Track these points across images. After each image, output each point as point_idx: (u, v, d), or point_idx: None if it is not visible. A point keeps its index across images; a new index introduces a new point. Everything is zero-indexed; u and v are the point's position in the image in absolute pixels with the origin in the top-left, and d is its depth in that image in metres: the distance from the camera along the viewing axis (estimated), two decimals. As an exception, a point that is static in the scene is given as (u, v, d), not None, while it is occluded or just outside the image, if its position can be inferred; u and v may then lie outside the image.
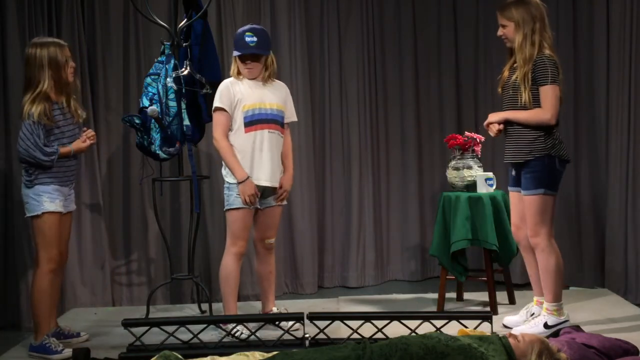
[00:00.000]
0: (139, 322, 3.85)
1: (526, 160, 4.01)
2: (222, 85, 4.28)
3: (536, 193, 3.99)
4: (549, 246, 4.06)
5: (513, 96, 4.03)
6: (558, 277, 4.07)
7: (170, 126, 4.53)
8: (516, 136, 4.05)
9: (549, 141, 3.98)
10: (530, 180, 4.01)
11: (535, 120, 3.97)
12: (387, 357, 2.95)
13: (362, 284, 5.76)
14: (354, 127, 5.74)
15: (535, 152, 3.98)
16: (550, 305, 4.07)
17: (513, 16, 3.99)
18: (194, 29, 4.70)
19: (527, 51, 3.95)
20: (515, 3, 4.01)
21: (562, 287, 4.13)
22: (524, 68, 3.95)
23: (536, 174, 3.99)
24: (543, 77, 3.94)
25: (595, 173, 5.41)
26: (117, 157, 5.32)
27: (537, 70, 3.94)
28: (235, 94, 4.24)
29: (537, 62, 3.94)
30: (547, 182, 3.99)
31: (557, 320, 4.05)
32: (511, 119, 4.04)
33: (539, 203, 4.00)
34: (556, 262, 4.06)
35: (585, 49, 5.42)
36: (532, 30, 3.96)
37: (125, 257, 5.36)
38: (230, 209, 4.24)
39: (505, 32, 4.05)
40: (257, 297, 5.34)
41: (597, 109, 5.37)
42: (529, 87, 3.94)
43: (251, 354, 3.14)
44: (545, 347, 3.05)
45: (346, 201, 5.79)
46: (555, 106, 3.96)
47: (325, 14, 5.70)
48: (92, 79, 5.26)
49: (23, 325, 4.81)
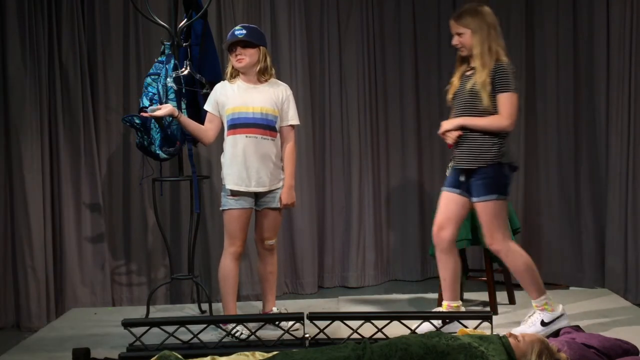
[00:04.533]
0: (139, 322, 3.84)
1: (478, 167, 4.00)
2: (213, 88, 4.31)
3: (489, 199, 3.98)
4: (509, 249, 4.05)
5: (468, 103, 4.00)
6: (532, 274, 4.05)
7: (170, 126, 4.53)
8: (470, 143, 4.02)
9: (501, 149, 3.98)
10: (482, 186, 3.99)
11: (495, 127, 3.96)
12: (387, 357, 2.95)
13: (362, 284, 5.76)
14: (354, 127, 5.74)
15: (488, 159, 3.97)
16: (538, 302, 4.06)
17: (469, 24, 3.99)
18: (194, 29, 4.70)
19: (484, 58, 3.95)
20: (471, 11, 4.02)
21: (541, 281, 4.08)
22: (483, 75, 3.94)
23: (488, 180, 3.98)
24: (502, 85, 3.93)
25: (595, 173, 5.41)
26: (117, 157, 5.33)
27: (497, 78, 3.94)
28: (220, 96, 4.24)
29: (497, 69, 3.94)
30: (499, 188, 3.99)
31: (552, 316, 4.03)
32: (468, 125, 4.00)
33: (492, 208, 3.99)
34: (523, 262, 4.05)
35: (585, 49, 5.42)
36: (488, 37, 3.97)
37: (125, 257, 5.36)
38: (224, 209, 4.24)
39: (462, 40, 4.04)
40: (257, 297, 5.35)
41: (597, 109, 5.37)
42: (488, 93, 3.93)
43: (251, 354, 3.14)
44: (545, 347, 3.05)
45: (346, 201, 5.80)
46: (513, 113, 3.96)
47: (325, 14, 5.71)
48: (92, 79, 5.26)
49: (23, 325, 4.81)
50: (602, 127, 5.33)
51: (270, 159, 4.22)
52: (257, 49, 4.21)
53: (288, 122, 4.30)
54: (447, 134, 4.06)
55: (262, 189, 4.22)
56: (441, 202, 4.20)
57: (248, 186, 4.19)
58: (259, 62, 4.22)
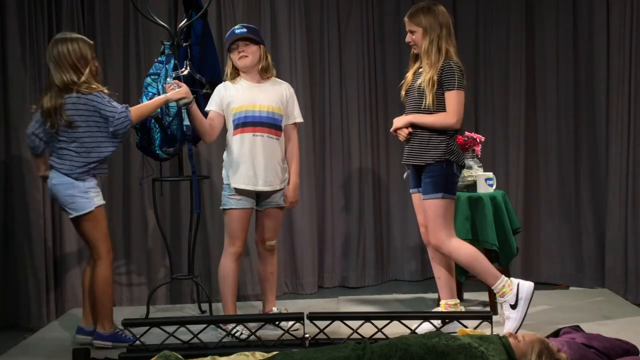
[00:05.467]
0: (139, 322, 3.85)
1: (426, 164, 4.04)
2: (216, 89, 4.31)
3: (435, 197, 4.03)
4: (453, 245, 4.07)
5: (417, 100, 4.06)
6: (479, 263, 4.05)
7: (170, 126, 4.53)
8: (419, 139, 4.07)
9: (449, 147, 4.02)
10: (429, 184, 4.05)
11: (441, 124, 4.01)
12: (387, 357, 2.95)
13: (362, 284, 5.76)
14: (354, 127, 5.74)
15: (435, 156, 4.02)
16: (496, 288, 4.05)
17: (421, 22, 4.05)
18: (194, 29, 4.70)
19: (432, 56, 4.01)
20: (424, 10, 4.07)
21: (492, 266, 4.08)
22: (429, 72, 3.99)
23: (435, 178, 4.03)
24: (449, 82, 3.99)
25: (595, 173, 5.41)
26: (117, 157, 5.32)
27: (444, 75, 3.99)
28: (225, 95, 4.24)
29: (444, 67, 3.99)
30: (446, 186, 4.03)
31: (513, 295, 4.00)
32: (416, 122, 4.06)
33: (438, 207, 4.03)
34: (466, 254, 4.06)
35: (585, 49, 5.42)
36: (439, 36, 4.02)
37: (125, 257, 5.36)
38: (225, 209, 4.24)
39: (414, 38, 4.10)
40: (257, 297, 5.35)
41: (597, 109, 5.37)
42: (433, 91, 3.98)
43: (251, 354, 3.14)
44: (545, 346, 3.05)
45: (346, 201, 5.79)
46: (460, 111, 4.01)
47: (325, 14, 5.71)
48: (92, 79, 5.25)
49: (23, 325, 4.81)
50: (602, 127, 5.33)
51: (276, 158, 4.24)
52: (258, 47, 4.23)
53: (294, 119, 4.34)
54: (398, 131, 4.13)
55: (268, 188, 4.23)
56: (414, 203, 4.28)
57: (255, 185, 4.19)
58: (261, 61, 4.24)
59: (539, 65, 5.61)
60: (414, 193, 4.27)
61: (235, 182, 4.20)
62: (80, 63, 4.02)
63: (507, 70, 5.64)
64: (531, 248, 5.56)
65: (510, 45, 5.61)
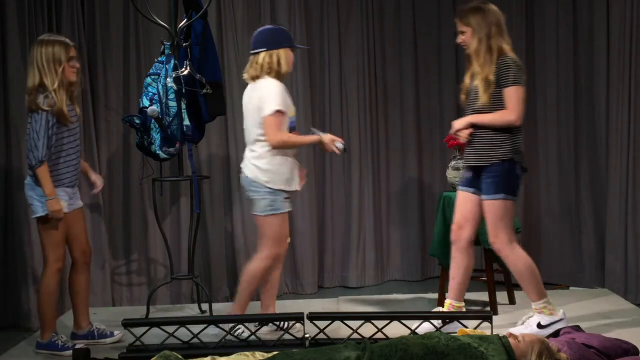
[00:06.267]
0: (139, 322, 3.85)
1: (489, 164, 4.02)
2: (279, 87, 4.13)
3: (496, 198, 4.00)
4: (511, 250, 4.07)
5: (475, 101, 4.04)
6: (532, 277, 4.07)
7: (170, 126, 4.53)
8: (480, 140, 4.05)
9: (511, 146, 4.00)
10: (490, 184, 4.02)
11: (501, 121, 3.98)
12: (387, 357, 2.95)
13: (362, 284, 5.76)
14: (354, 127, 5.74)
15: (497, 156, 3.99)
16: (537, 304, 4.07)
17: (470, 22, 4.03)
18: (194, 29, 4.70)
19: (482, 56, 3.99)
20: (472, 10, 4.06)
21: (541, 284, 4.10)
22: (483, 72, 3.97)
23: (496, 178, 4.00)
24: (506, 79, 3.97)
25: (595, 173, 5.41)
26: (117, 157, 5.33)
27: (500, 73, 3.97)
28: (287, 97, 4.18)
29: (499, 64, 3.98)
30: (507, 187, 4.01)
31: (550, 319, 4.03)
32: (476, 122, 4.04)
33: (498, 208, 4.01)
34: (524, 264, 4.07)
35: (585, 49, 5.42)
36: (487, 35, 3.99)
37: (125, 257, 5.36)
38: (280, 212, 4.14)
39: (464, 39, 4.09)
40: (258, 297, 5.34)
41: (597, 109, 5.37)
42: (490, 91, 3.96)
43: (251, 354, 3.15)
44: (545, 347, 3.05)
45: (346, 201, 5.79)
46: (519, 107, 3.98)
47: (325, 14, 5.71)
48: (92, 79, 5.26)
49: (23, 325, 4.80)
50: (602, 127, 5.32)
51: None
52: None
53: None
54: (458, 133, 4.09)
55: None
56: (458, 201, 4.24)
57: (296, 187, 4.21)
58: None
59: (539, 65, 5.61)
60: (462, 190, 4.21)
61: (291, 185, 4.16)
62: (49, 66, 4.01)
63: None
64: (531, 248, 5.54)
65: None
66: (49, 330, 4.13)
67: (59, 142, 4.06)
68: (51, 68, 3.99)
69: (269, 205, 4.11)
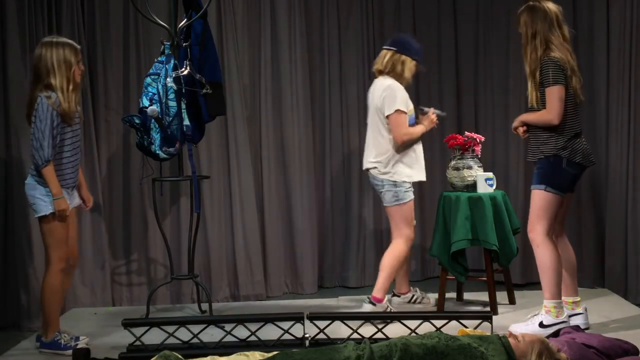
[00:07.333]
0: (139, 322, 3.85)
1: (538, 159, 4.15)
2: (399, 89, 4.61)
3: (538, 188, 4.11)
4: (544, 242, 4.11)
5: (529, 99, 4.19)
6: (554, 275, 4.09)
7: (170, 126, 4.53)
8: (531, 137, 4.22)
9: (559, 142, 4.08)
10: (535, 175, 4.16)
11: (542, 120, 4.10)
12: (387, 357, 2.95)
13: (362, 284, 5.75)
14: (354, 127, 5.74)
15: (544, 151, 4.11)
16: (548, 303, 4.08)
17: (520, 22, 4.15)
18: (194, 29, 4.70)
19: (528, 54, 4.09)
20: (525, 8, 4.16)
21: (559, 286, 4.13)
22: (530, 72, 4.09)
23: (541, 170, 4.12)
24: (546, 78, 4.04)
25: (595, 173, 5.41)
26: (117, 157, 5.33)
27: (543, 72, 4.05)
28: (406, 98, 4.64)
29: (542, 64, 4.06)
30: (550, 180, 4.08)
31: (553, 320, 4.04)
32: (525, 121, 4.23)
33: (540, 198, 4.10)
34: (551, 259, 4.09)
35: (585, 49, 5.42)
36: (533, 34, 4.08)
37: (125, 257, 5.36)
38: (406, 202, 4.61)
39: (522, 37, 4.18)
40: (257, 297, 5.36)
41: (597, 109, 5.37)
42: (536, 89, 4.07)
43: (251, 354, 3.15)
44: (545, 347, 3.05)
45: (346, 201, 5.79)
46: (556, 106, 4.03)
47: (325, 14, 5.70)
48: (92, 79, 5.26)
49: (23, 325, 4.80)
50: (602, 127, 5.33)
51: None
52: None
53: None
54: (517, 130, 4.30)
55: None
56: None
57: (420, 177, 4.73)
58: None
59: (539, 65, 5.61)
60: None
61: (422, 176, 4.70)
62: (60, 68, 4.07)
63: (507, 70, 5.64)
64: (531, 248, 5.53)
65: (510, 45, 5.60)
66: (53, 329, 4.15)
67: (62, 142, 4.09)
68: (62, 69, 4.05)
69: (393, 196, 4.61)
